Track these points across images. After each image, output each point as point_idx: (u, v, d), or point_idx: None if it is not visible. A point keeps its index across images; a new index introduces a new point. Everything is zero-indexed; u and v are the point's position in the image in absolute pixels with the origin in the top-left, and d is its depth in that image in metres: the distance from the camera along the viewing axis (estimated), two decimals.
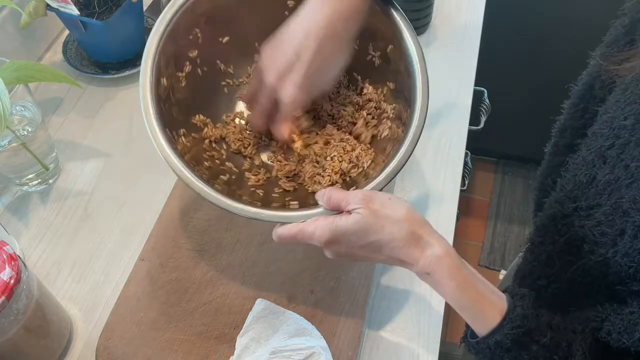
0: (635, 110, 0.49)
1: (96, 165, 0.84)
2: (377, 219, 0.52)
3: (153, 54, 0.62)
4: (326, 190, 0.56)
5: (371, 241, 0.52)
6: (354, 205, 0.53)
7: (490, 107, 1.18)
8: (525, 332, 0.48)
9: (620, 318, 0.48)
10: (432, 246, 0.51)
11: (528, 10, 1.51)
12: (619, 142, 0.50)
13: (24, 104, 0.76)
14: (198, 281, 0.69)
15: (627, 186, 0.48)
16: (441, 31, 1.01)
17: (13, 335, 0.58)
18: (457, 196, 0.80)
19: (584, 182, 0.53)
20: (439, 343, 0.66)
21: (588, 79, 0.62)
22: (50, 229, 0.77)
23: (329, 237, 0.53)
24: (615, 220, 0.49)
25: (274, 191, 0.66)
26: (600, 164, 0.52)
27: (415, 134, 0.61)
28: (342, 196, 0.54)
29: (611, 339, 0.48)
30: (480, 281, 0.52)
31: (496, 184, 1.94)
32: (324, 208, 0.56)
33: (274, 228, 0.57)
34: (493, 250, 1.78)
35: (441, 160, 0.83)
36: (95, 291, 0.71)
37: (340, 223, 0.52)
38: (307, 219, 0.55)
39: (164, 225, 0.73)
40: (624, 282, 0.50)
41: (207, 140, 0.67)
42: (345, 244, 0.53)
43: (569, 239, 0.55)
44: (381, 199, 0.53)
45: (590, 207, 0.52)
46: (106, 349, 0.64)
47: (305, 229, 0.54)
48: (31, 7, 0.86)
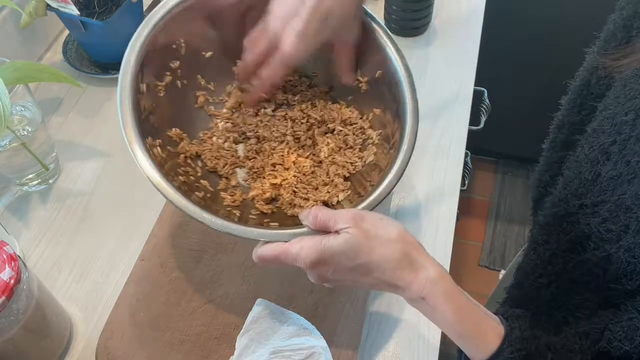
0: (635, 106, 0.49)
1: (96, 165, 0.84)
2: (368, 239, 0.49)
3: (136, 55, 0.60)
4: (312, 209, 0.53)
5: (361, 263, 0.49)
6: (342, 225, 0.50)
7: (490, 107, 1.18)
8: (525, 355, 0.47)
9: (620, 326, 0.48)
10: (427, 269, 0.49)
11: (528, 10, 1.51)
12: (621, 138, 0.49)
13: (24, 104, 0.76)
14: (198, 281, 0.69)
15: (629, 182, 0.48)
16: (441, 31, 1.01)
17: (13, 335, 0.58)
18: (457, 196, 0.80)
19: (589, 179, 0.53)
20: (439, 342, 0.66)
21: (585, 74, 0.62)
22: (50, 229, 0.77)
23: (315, 258, 0.50)
24: (619, 217, 0.49)
25: (251, 213, 0.62)
26: (604, 160, 0.51)
27: (404, 158, 0.59)
28: (329, 215, 0.51)
29: (612, 348, 0.48)
30: (475, 304, 0.50)
31: (496, 184, 1.94)
32: (309, 228, 0.52)
33: (255, 248, 0.53)
34: (493, 250, 1.78)
35: (441, 160, 0.83)
36: (95, 291, 0.71)
37: (329, 243, 0.49)
38: (291, 238, 0.52)
39: (164, 225, 0.73)
40: (620, 280, 0.50)
41: (182, 155, 0.65)
42: (333, 265, 0.50)
43: (574, 237, 0.54)
44: (372, 218, 0.51)
45: (595, 204, 0.52)
46: (106, 349, 0.64)
47: (290, 250, 0.51)
48: (31, 7, 0.86)
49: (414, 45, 0.98)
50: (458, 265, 1.70)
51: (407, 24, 0.98)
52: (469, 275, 1.71)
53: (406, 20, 0.97)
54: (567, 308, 0.57)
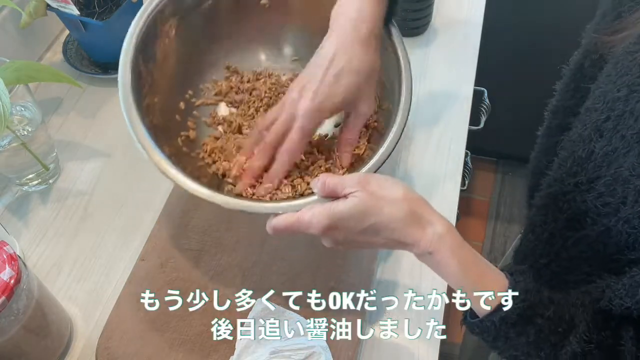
0: (627, 82, 0.49)
1: (96, 165, 0.84)
2: (375, 200, 0.51)
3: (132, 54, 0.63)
4: (321, 176, 0.54)
5: (371, 224, 0.51)
6: (350, 189, 0.52)
7: (490, 107, 1.18)
8: (529, 305, 0.48)
9: (622, 283, 0.48)
10: (433, 224, 0.51)
11: (528, 10, 1.51)
12: (614, 114, 0.50)
13: (24, 104, 0.76)
14: (198, 281, 0.69)
15: (625, 155, 0.48)
16: (441, 31, 1.01)
17: (13, 335, 0.58)
18: (457, 196, 0.80)
19: (583, 157, 0.53)
20: (439, 343, 0.66)
21: (579, 57, 0.62)
22: (50, 229, 0.77)
23: (327, 224, 0.52)
24: (616, 189, 0.49)
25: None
26: (597, 137, 0.51)
27: (402, 120, 0.61)
28: (337, 180, 0.53)
29: (613, 306, 0.49)
30: (481, 259, 0.52)
31: (496, 184, 1.94)
32: (319, 196, 0.54)
33: (268, 220, 0.55)
34: (493, 250, 1.78)
35: (441, 161, 0.83)
36: (95, 291, 0.71)
37: (338, 208, 0.51)
38: (301, 208, 0.54)
39: (164, 225, 0.73)
40: (622, 251, 0.50)
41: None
42: (344, 229, 0.52)
43: (572, 215, 0.55)
44: (378, 180, 0.53)
45: (591, 180, 0.52)
46: (106, 349, 0.64)
47: (302, 218, 0.53)
48: (31, 7, 0.86)
49: (414, 45, 0.98)
50: None
51: (407, 24, 0.98)
52: None
53: (406, 20, 0.97)
54: (567, 285, 0.57)
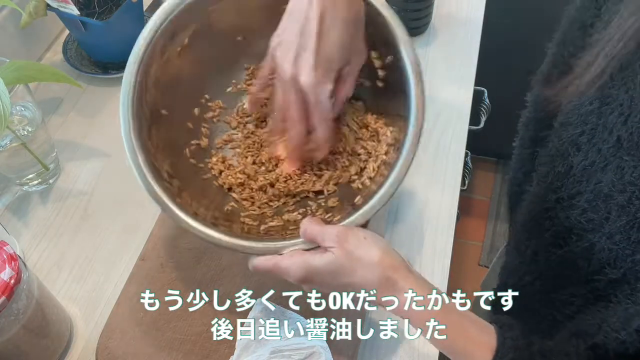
0: (598, 94, 0.48)
1: (96, 165, 0.84)
2: (349, 261, 0.50)
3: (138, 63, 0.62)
4: (304, 221, 0.54)
5: (344, 283, 0.51)
6: (328, 243, 0.51)
7: (490, 107, 1.18)
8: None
9: (617, 317, 0.48)
10: (408, 292, 0.50)
11: (528, 10, 1.51)
12: (588, 128, 0.49)
13: (24, 104, 0.77)
14: (198, 281, 0.69)
15: (603, 169, 0.48)
16: (441, 31, 1.01)
17: (13, 335, 0.58)
18: (457, 196, 0.80)
19: (562, 172, 0.53)
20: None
21: (547, 67, 0.62)
22: (50, 229, 0.77)
23: (302, 276, 0.52)
24: (599, 205, 0.49)
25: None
26: (574, 152, 0.51)
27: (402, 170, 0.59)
28: (317, 232, 0.53)
29: (607, 340, 0.48)
30: (468, 321, 0.51)
31: (496, 184, 1.94)
32: (303, 239, 0.54)
33: (250, 258, 0.56)
34: (493, 250, 1.78)
35: (441, 160, 0.83)
36: (95, 291, 0.71)
37: (315, 262, 0.51)
38: (283, 250, 0.54)
39: (164, 225, 0.73)
40: (603, 269, 0.50)
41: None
42: (318, 282, 0.53)
43: (556, 232, 0.54)
44: (356, 238, 0.51)
45: (572, 196, 0.52)
46: (106, 349, 0.64)
47: (280, 265, 0.53)
48: (31, 7, 0.86)
49: (414, 45, 0.98)
50: (458, 265, 1.70)
51: (407, 24, 0.97)
52: (469, 275, 1.71)
53: (406, 20, 0.97)
54: (554, 305, 0.56)
